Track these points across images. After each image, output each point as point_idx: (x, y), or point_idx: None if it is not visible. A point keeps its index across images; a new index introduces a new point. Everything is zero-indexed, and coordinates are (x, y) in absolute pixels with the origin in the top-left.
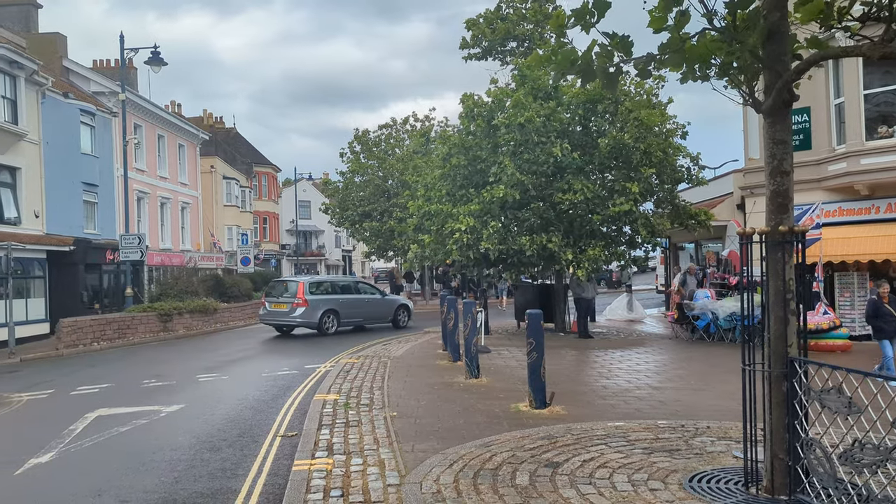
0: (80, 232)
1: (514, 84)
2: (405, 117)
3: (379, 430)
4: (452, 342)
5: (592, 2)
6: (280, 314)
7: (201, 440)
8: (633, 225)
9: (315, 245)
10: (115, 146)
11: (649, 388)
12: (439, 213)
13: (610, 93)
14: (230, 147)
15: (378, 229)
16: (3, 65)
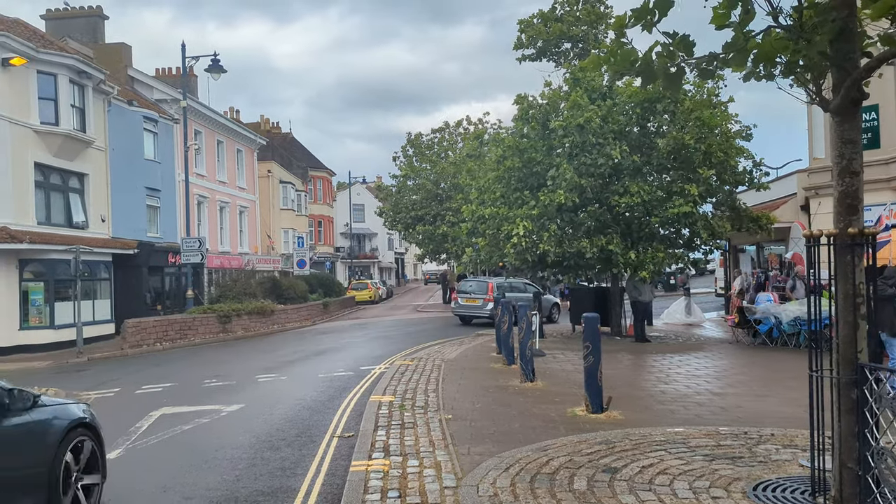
0: (144, 235)
1: (567, 87)
2: (458, 120)
3: (434, 432)
4: (507, 345)
5: (654, 1)
6: (472, 308)
7: (261, 439)
8: (692, 227)
9: (368, 247)
10: (177, 152)
11: (709, 393)
12: (494, 216)
13: (672, 93)
14: (286, 152)
15: (431, 233)
16: (73, 75)
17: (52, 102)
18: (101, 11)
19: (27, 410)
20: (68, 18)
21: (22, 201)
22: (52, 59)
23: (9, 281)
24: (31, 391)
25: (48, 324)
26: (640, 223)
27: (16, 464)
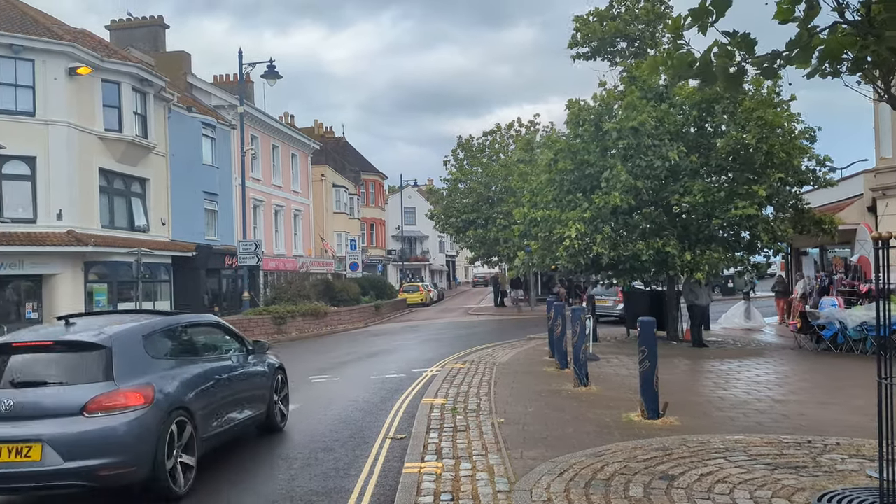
0: (202, 238)
1: (623, 86)
2: (509, 123)
3: (487, 435)
4: (560, 349)
5: (711, 0)
6: (604, 308)
7: (315, 439)
8: (752, 229)
9: (420, 250)
10: (234, 157)
11: (771, 400)
12: (547, 219)
13: (732, 94)
14: (339, 156)
15: (482, 236)
16: (135, 83)
17: (115, 110)
18: (163, 21)
19: (262, 353)
20: (131, 28)
21: (87, 206)
22: (116, 68)
23: (75, 283)
24: (265, 342)
25: None
26: (698, 225)
27: (257, 384)
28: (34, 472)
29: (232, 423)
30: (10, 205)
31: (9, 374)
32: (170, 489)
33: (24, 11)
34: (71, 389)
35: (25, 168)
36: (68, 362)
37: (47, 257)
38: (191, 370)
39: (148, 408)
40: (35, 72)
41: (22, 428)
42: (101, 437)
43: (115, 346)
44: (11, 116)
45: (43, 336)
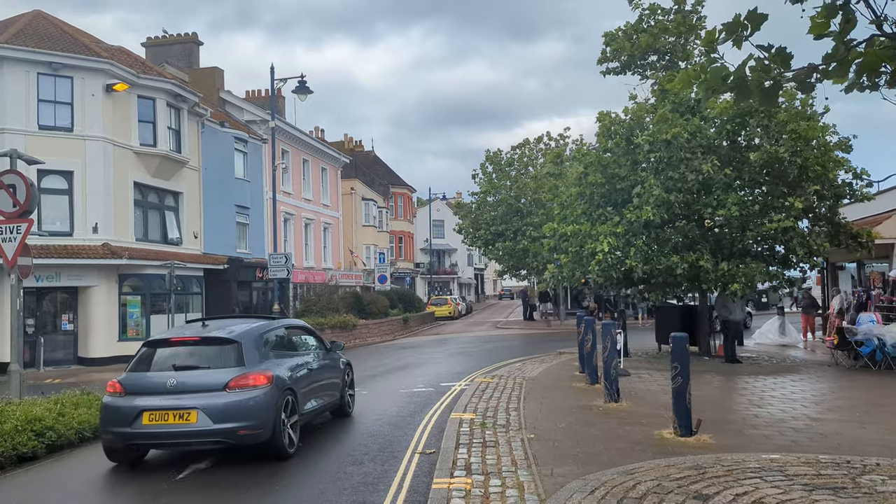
0: (233, 251)
1: (654, 99)
2: (539, 136)
3: (516, 451)
4: (590, 364)
5: (745, 14)
6: None
7: (344, 453)
8: (788, 243)
9: (448, 263)
10: (265, 170)
11: (807, 418)
12: (577, 233)
13: (767, 108)
14: (369, 169)
15: (511, 249)
16: (170, 98)
17: (150, 125)
18: (197, 38)
19: (336, 351)
20: (166, 45)
21: (122, 219)
22: (151, 84)
23: (110, 295)
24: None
25: (144, 335)
26: (731, 239)
27: (334, 375)
28: (193, 430)
29: (317, 405)
30: (47, 218)
31: (170, 361)
32: (285, 448)
33: (64, 30)
34: (215, 372)
35: (63, 182)
36: (212, 352)
37: (83, 270)
38: (291, 361)
39: (269, 386)
40: (74, 88)
41: (183, 400)
42: (239, 406)
43: (244, 341)
44: (50, 132)
45: (191, 333)
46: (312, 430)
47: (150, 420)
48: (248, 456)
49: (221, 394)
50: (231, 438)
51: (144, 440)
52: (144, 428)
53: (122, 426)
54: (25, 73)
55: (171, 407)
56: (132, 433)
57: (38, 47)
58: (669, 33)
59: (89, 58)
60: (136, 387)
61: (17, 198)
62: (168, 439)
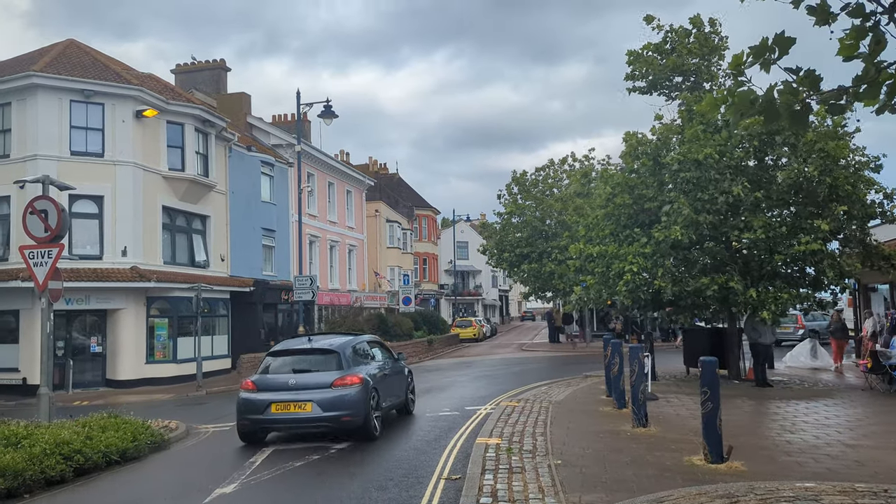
0: (259, 274)
1: (681, 119)
2: (563, 157)
3: (543, 477)
4: (617, 388)
5: (773, 38)
6: (785, 333)
7: (369, 478)
8: (818, 265)
9: (472, 285)
10: (291, 194)
11: (842, 445)
12: (604, 254)
13: (797, 130)
14: (393, 192)
15: (536, 270)
16: (198, 124)
17: (178, 150)
18: (224, 64)
19: (401, 361)
20: (195, 72)
21: (150, 242)
22: (180, 110)
23: (138, 317)
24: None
25: (171, 358)
26: (760, 261)
27: (401, 379)
28: (308, 417)
29: (392, 403)
30: (78, 242)
31: (290, 366)
32: (372, 432)
33: (96, 58)
34: (323, 374)
35: (93, 207)
36: (319, 359)
37: (112, 292)
38: (372, 367)
39: (361, 385)
40: (105, 115)
41: (301, 394)
42: (341, 399)
43: (341, 351)
44: (82, 157)
45: (303, 345)
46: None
47: (276, 409)
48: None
49: (328, 390)
50: (336, 423)
51: (272, 424)
52: (272, 415)
53: (256, 414)
54: (59, 100)
55: (292, 400)
56: (263, 419)
57: (71, 75)
58: (692, 55)
59: (120, 85)
60: (265, 385)
61: (48, 223)
62: (290, 423)
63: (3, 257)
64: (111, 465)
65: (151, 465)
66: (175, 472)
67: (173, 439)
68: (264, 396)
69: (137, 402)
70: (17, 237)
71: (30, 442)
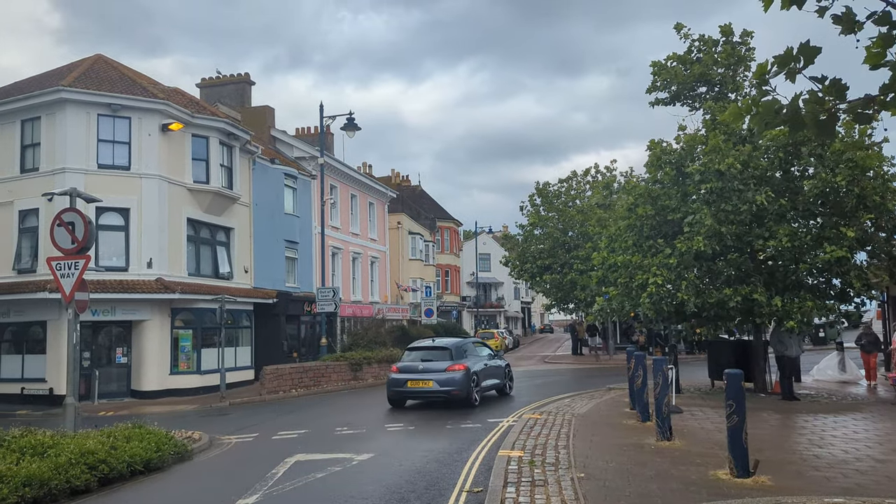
0: (282, 285)
1: (705, 129)
2: (586, 169)
3: (566, 491)
4: (640, 401)
5: (798, 47)
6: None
7: (391, 490)
8: (844, 276)
9: (494, 297)
10: (314, 206)
11: (871, 459)
12: (627, 264)
13: (823, 140)
14: (415, 204)
15: (559, 281)
16: (222, 137)
17: (203, 162)
18: (249, 78)
19: (500, 358)
20: (220, 85)
21: (175, 254)
22: (205, 123)
23: (162, 328)
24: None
25: (195, 369)
26: (784, 271)
27: (498, 369)
28: (430, 390)
29: (488, 384)
30: (104, 254)
31: (420, 356)
32: (472, 402)
33: (123, 73)
34: (440, 363)
35: (119, 219)
36: (438, 353)
37: (137, 304)
38: (474, 359)
39: (464, 371)
40: (131, 128)
41: (426, 375)
42: (451, 380)
43: (452, 348)
44: (109, 170)
45: (429, 344)
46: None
47: (411, 385)
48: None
49: (443, 373)
50: (448, 395)
51: (408, 394)
52: (408, 388)
53: (399, 387)
54: (87, 114)
55: (420, 378)
56: (403, 390)
57: (99, 90)
58: (719, 65)
59: (147, 99)
60: (404, 369)
61: (75, 235)
62: (419, 394)
63: (31, 269)
64: (135, 476)
65: (175, 476)
66: (198, 483)
67: (197, 450)
68: (403, 376)
69: (161, 412)
70: (44, 249)
71: (55, 451)
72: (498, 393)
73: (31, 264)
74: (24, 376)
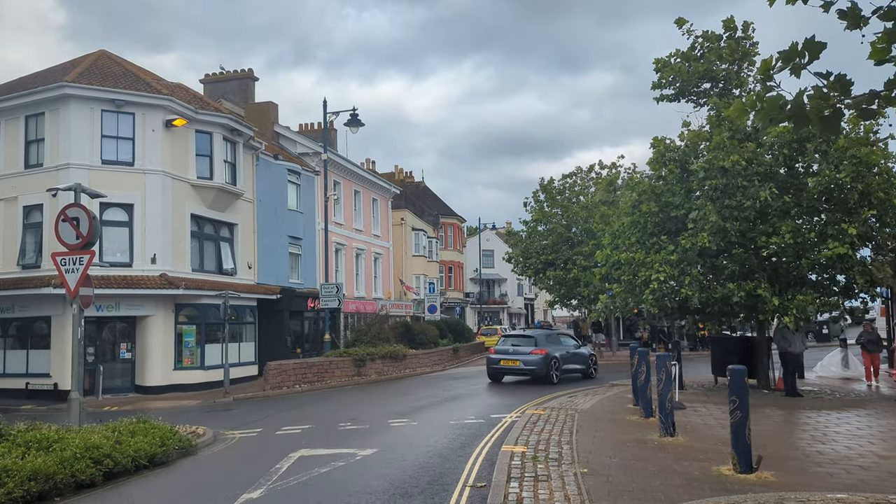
0: (286, 281)
1: (709, 126)
2: (590, 165)
3: (569, 486)
4: (644, 397)
5: (803, 43)
6: None
7: (394, 485)
8: (848, 273)
9: (498, 293)
10: (317, 202)
11: (875, 456)
12: (630, 261)
13: (828, 136)
14: (419, 200)
15: (562, 278)
16: (226, 133)
17: (207, 158)
18: (252, 74)
19: (582, 348)
20: (223, 81)
21: (179, 250)
22: (209, 119)
23: (166, 324)
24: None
25: (199, 364)
26: (787, 267)
27: (581, 356)
28: (517, 368)
29: (569, 367)
30: (108, 249)
31: (511, 342)
32: (552, 380)
33: (126, 68)
34: (526, 347)
35: (123, 215)
36: (525, 340)
37: (141, 299)
38: (557, 346)
39: (545, 355)
40: (135, 124)
41: (514, 356)
42: (534, 361)
43: (536, 337)
44: (113, 166)
45: (521, 332)
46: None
47: (503, 363)
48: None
49: (528, 356)
50: (531, 374)
51: (502, 371)
52: (501, 366)
53: (494, 365)
54: (90, 110)
55: (510, 358)
56: (497, 367)
57: (103, 85)
58: (723, 60)
59: (150, 95)
60: (498, 351)
61: (80, 230)
62: (509, 371)
63: (36, 264)
64: (140, 470)
65: (179, 470)
66: (203, 478)
67: (201, 445)
68: (498, 356)
69: (165, 407)
70: (49, 244)
71: (61, 446)
72: (583, 375)
73: (35, 260)
74: (29, 371)
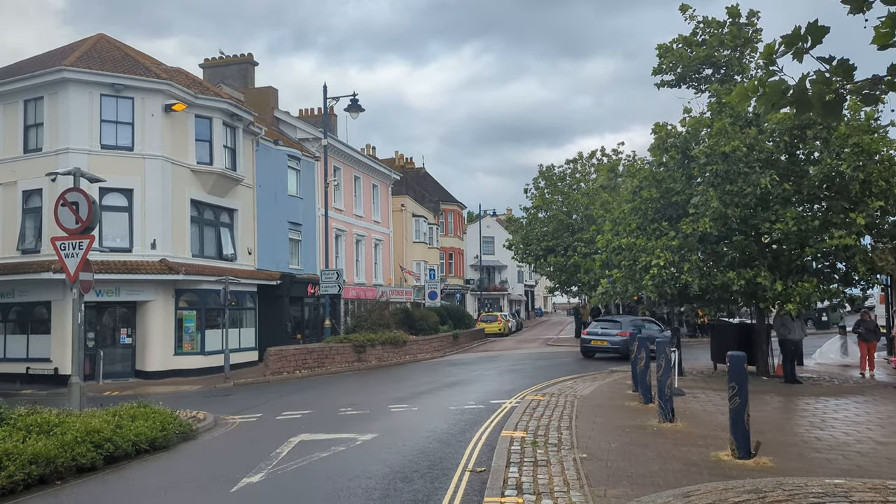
0: (286, 267)
1: (710, 112)
2: (592, 151)
3: (568, 471)
4: (643, 383)
5: (806, 27)
6: None
7: (394, 470)
8: (849, 261)
9: (498, 280)
10: (317, 188)
11: (873, 442)
12: (631, 247)
13: (829, 121)
14: (419, 186)
15: (562, 264)
16: (226, 118)
17: (206, 143)
18: (252, 59)
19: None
20: (223, 66)
21: (179, 235)
22: (208, 104)
23: (166, 309)
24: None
25: (199, 350)
26: (790, 255)
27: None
28: (605, 347)
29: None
30: (108, 235)
31: (600, 325)
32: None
33: (126, 52)
34: (612, 329)
35: (123, 200)
36: (612, 324)
37: (141, 285)
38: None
39: (628, 337)
40: (134, 108)
41: (603, 337)
42: (619, 342)
43: (622, 321)
44: (112, 151)
45: (608, 318)
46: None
47: (593, 343)
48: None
49: (615, 337)
50: (617, 352)
51: (592, 349)
52: (592, 345)
53: (587, 344)
54: (89, 94)
55: (599, 339)
56: (589, 346)
57: (102, 69)
58: (725, 46)
59: (149, 79)
60: (590, 333)
61: (79, 215)
62: (598, 349)
63: (36, 249)
64: (140, 454)
65: (180, 455)
66: (203, 462)
67: (201, 429)
68: (590, 336)
69: (166, 392)
70: (49, 229)
71: (61, 430)
72: None
73: (35, 244)
74: (29, 356)
